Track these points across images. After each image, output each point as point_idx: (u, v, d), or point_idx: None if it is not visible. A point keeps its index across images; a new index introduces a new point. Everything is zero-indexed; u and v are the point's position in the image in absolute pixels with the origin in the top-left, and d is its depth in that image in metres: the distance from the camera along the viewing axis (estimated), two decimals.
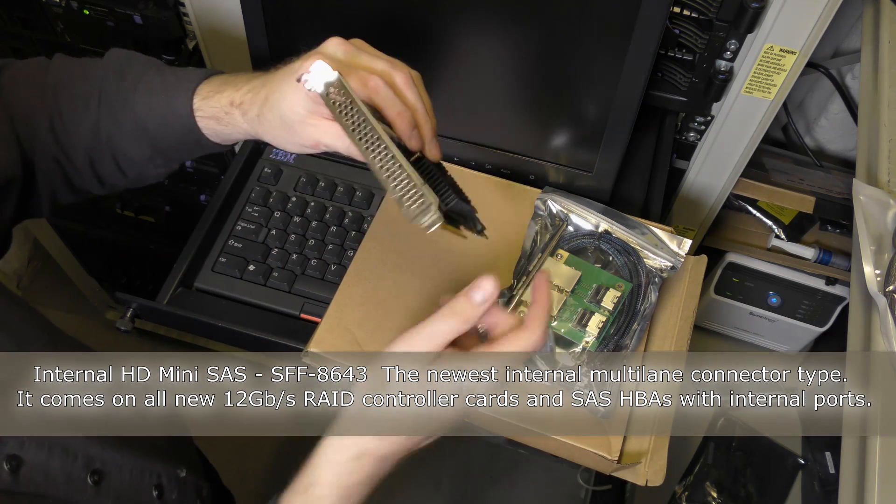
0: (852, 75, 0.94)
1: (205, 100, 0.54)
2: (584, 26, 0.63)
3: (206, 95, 0.54)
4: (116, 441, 0.48)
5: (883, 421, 0.54)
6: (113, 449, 0.48)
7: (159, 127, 0.55)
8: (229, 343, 0.71)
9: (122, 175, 0.59)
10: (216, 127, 0.54)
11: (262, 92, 0.51)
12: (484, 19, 0.65)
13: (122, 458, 0.48)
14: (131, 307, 0.70)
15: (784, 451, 1.14)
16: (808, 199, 0.93)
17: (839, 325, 1.12)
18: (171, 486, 0.52)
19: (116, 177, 0.59)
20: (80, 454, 0.45)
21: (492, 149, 0.76)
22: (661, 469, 0.55)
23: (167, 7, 0.83)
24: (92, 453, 0.46)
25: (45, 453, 0.43)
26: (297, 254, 0.73)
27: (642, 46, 0.62)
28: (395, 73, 0.48)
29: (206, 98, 0.54)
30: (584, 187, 0.74)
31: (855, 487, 0.54)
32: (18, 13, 0.88)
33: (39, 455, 0.43)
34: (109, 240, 1.26)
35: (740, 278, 1.12)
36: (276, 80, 0.50)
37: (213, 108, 0.53)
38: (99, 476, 0.46)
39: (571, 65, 0.67)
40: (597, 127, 0.70)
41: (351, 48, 0.49)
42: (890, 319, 0.57)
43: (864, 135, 0.73)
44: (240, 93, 0.52)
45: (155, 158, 0.58)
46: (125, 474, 0.48)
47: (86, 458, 0.45)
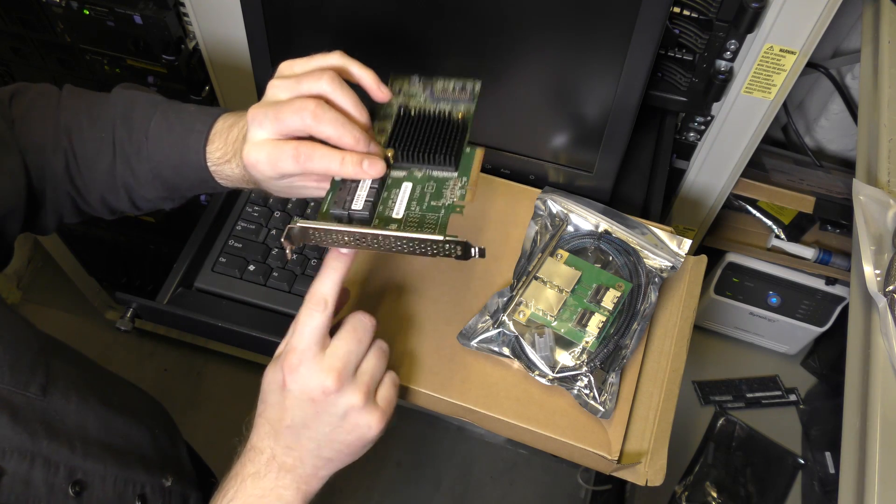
0: (852, 75, 0.94)
1: (212, 154, 0.54)
2: (584, 26, 0.63)
3: (212, 150, 0.54)
4: (100, 451, 0.49)
5: (883, 421, 0.54)
6: (96, 460, 0.48)
7: (175, 176, 0.55)
8: (229, 343, 0.71)
9: (135, 209, 0.60)
10: (228, 172, 0.54)
11: (235, 158, 0.52)
12: (483, 20, 0.66)
13: (104, 469, 0.48)
14: (131, 307, 0.70)
15: (784, 451, 1.15)
16: (808, 199, 0.93)
17: (839, 325, 1.12)
18: (155, 497, 0.52)
19: (129, 210, 0.60)
20: (62, 465, 0.45)
21: (492, 149, 0.76)
22: (662, 469, 0.55)
23: (167, 7, 0.83)
24: (74, 464, 0.46)
25: (27, 464, 0.43)
26: (297, 254, 0.73)
27: (642, 46, 0.62)
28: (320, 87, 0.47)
29: (212, 152, 0.54)
30: (584, 187, 0.74)
31: (855, 487, 0.54)
32: (18, 13, 0.88)
33: (21, 466, 0.43)
34: (109, 240, 1.26)
35: (740, 278, 1.12)
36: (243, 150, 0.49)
37: (222, 150, 0.53)
38: (80, 487, 0.46)
39: (571, 65, 0.67)
40: (597, 127, 0.70)
41: (275, 88, 0.47)
42: (890, 319, 0.57)
43: (864, 135, 0.73)
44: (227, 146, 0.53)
45: (171, 196, 0.59)
46: (108, 485, 0.48)
47: (68, 470, 0.45)
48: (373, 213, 0.47)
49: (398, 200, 0.48)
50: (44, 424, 0.45)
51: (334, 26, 0.71)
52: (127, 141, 0.55)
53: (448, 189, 0.48)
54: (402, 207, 0.48)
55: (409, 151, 0.49)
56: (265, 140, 0.46)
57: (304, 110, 0.45)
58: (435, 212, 0.47)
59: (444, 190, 0.48)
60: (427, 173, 0.50)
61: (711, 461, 1.13)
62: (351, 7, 0.68)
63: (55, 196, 0.57)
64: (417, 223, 0.46)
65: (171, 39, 0.85)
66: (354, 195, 0.47)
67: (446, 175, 0.49)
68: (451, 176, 0.49)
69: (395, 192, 0.48)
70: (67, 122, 0.55)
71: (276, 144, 0.46)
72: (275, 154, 0.46)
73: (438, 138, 0.50)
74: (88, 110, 0.56)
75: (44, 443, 0.44)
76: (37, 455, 0.44)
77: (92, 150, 0.55)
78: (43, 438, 0.44)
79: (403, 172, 0.50)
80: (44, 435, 0.45)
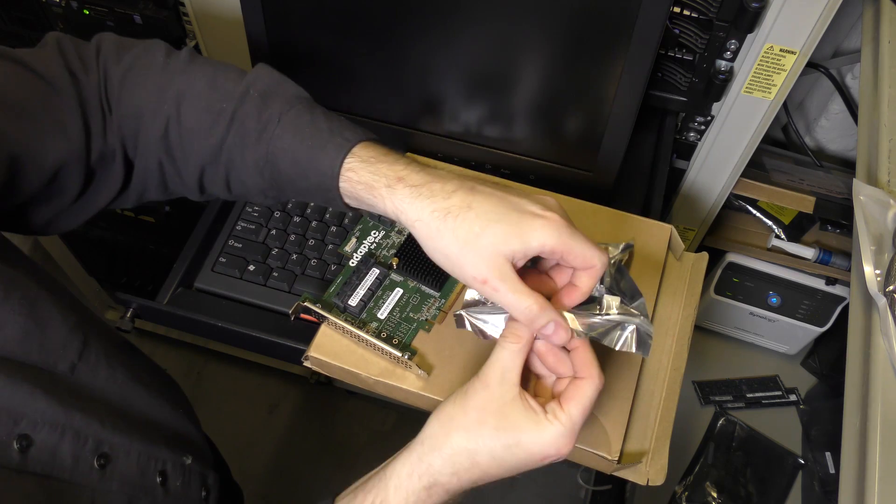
0: (852, 75, 0.94)
1: (365, 163, 0.48)
2: (584, 26, 0.63)
3: (367, 159, 0.48)
4: (126, 426, 0.49)
5: (883, 421, 0.54)
6: (122, 434, 0.48)
7: (291, 170, 0.50)
8: (229, 343, 0.71)
9: (227, 191, 0.55)
10: (363, 194, 0.48)
11: (459, 198, 0.45)
12: (484, 19, 0.66)
13: (130, 444, 0.48)
14: (131, 307, 0.70)
15: (784, 451, 1.15)
16: (808, 199, 0.93)
17: (839, 325, 1.12)
18: (176, 473, 0.52)
19: (220, 191, 0.55)
20: (91, 438, 0.45)
21: (492, 149, 0.76)
22: (663, 468, 0.55)
23: (167, 7, 0.83)
24: (102, 437, 0.46)
25: (56, 436, 0.43)
26: (297, 254, 0.73)
27: (642, 46, 0.62)
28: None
29: (366, 161, 0.48)
30: (584, 187, 0.74)
31: (855, 487, 0.54)
32: (18, 13, 0.88)
33: (51, 437, 0.43)
34: (109, 240, 1.26)
35: (740, 278, 1.12)
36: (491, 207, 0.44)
37: (373, 176, 0.47)
38: (105, 460, 0.46)
39: (572, 65, 0.67)
40: (597, 126, 0.70)
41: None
42: (890, 319, 0.57)
43: (864, 135, 0.73)
44: (431, 180, 0.46)
45: (269, 191, 0.53)
46: (132, 459, 0.48)
47: (95, 442, 0.46)
48: (363, 309, 0.59)
49: (387, 302, 0.59)
50: (77, 398, 0.46)
51: (334, 26, 0.71)
52: (253, 117, 0.50)
53: (427, 306, 0.59)
54: (386, 310, 0.59)
55: (410, 267, 0.60)
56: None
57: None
58: (409, 323, 0.58)
59: (423, 306, 0.59)
60: (417, 286, 0.60)
61: (711, 461, 1.13)
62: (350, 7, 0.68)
63: (145, 162, 0.53)
64: (392, 329, 0.58)
65: (171, 39, 0.85)
66: (354, 293, 0.59)
67: (430, 293, 0.60)
68: (433, 295, 0.60)
69: (388, 294, 0.59)
70: (181, 88, 0.51)
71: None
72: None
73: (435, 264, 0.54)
74: (211, 78, 0.52)
75: (77, 416, 0.45)
76: (67, 427, 0.44)
77: (206, 118, 0.51)
78: (77, 412, 0.45)
79: (401, 278, 0.60)
80: (77, 408, 0.45)
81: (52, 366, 0.45)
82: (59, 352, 0.46)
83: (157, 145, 0.52)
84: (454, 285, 0.60)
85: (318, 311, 0.57)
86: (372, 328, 0.58)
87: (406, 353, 0.55)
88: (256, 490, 1.31)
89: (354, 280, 0.60)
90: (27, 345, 0.44)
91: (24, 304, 0.44)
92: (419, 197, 0.45)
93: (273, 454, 1.37)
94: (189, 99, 0.51)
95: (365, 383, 0.57)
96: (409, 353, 0.56)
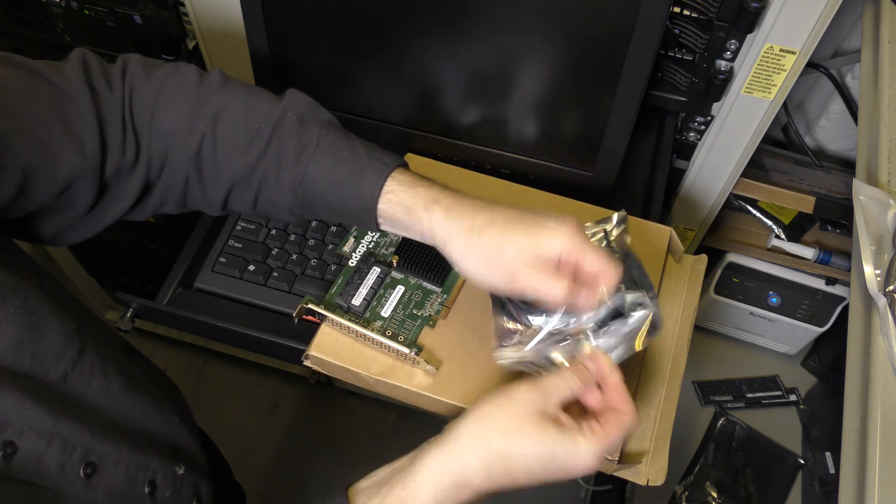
0: (852, 75, 0.94)
1: (404, 186, 0.50)
2: (584, 26, 0.63)
3: (405, 182, 0.51)
4: (117, 435, 0.49)
5: (883, 421, 0.54)
6: (112, 443, 0.48)
7: (328, 192, 0.52)
8: (229, 343, 0.71)
9: (251, 208, 0.56)
10: (401, 216, 0.51)
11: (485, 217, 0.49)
12: (484, 20, 0.66)
13: (119, 453, 0.48)
14: (131, 307, 0.70)
15: (784, 451, 1.15)
16: (808, 199, 0.93)
17: (839, 325, 1.12)
18: (167, 483, 0.52)
19: (244, 208, 0.56)
20: (79, 447, 0.45)
21: (492, 149, 0.76)
22: (663, 468, 0.55)
23: (167, 7, 0.83)
24: (91, 446, 0.46)
25: (43, 443, 0.43)
26: (297, 254, 0.73)
27: (642, 46, 0.62)
28: None
29: (405, 184, 0.51)
30: (584, 187, 0.74)
31: (855, 487, 0.54)
32: (18, 13, 0.88)
33: (38, 445, 0.43)
34: (109, 240, 1.26)
35: (740, 278, 1.12)
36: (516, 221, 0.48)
37: (412, 199, 0.50)
38: (92, 469, 0.46)
39: (571, 65, 0.67)
40: (597, 127, 0.70)
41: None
42: (890, 319, 0.57)
43: (864, 135, 0.73)
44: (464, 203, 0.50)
45: (297, 210, 0.54)
46: (120, 469, 0.48)
47: (83, 451, 0.45)
48: (366, 308, 0.59)
49: (390, 300, 0.59)
50: (68, 406, 0.46)
51: (335, 27, 0.71)
52: (293, 138, 0.52)
53: (429, 302, 0.60)
54: (390, 308, 0.59)
55: (410, 263, 0.60)
56: None
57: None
58: (413, 319, 0.59)
59: (426, 302, 0.60)
60: (418, 282, 0.61)
61: (711, 461, 1.13)
62: (351, 7, 0.68)
63: (169, 181, 0.54)
64: (396, 326, 0.58)
65: (170, 39, 0.85)
66: (356, 292, 0.59)
67: (432, 289, 0.60)
68: (435, 290, 0.60)
69: (390, 293, 0.60)
70: (217, 106, 0.52)
71: None
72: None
73: (434, 259, 0.60)
74: (247, 98, 0.53)
75: (66, 424, 0.45)
76: (55, 436, 0.44)
77: (243, 136, 0.52)
78: (66, 420, 0.45)
79: (401, 276, 0.61)
80: (67, 417, 0.45)
81: (43, 374, 0.45)
82: (51, 361, 0.46)
83: (189, 162, 0.53)
84: (455, 280, 0.61)
85: (322, 313, 0.57)
86: (377, 327, 0.58)
87: (413, 349, 0.56)
88: (256, 490, 1.31)
89: (356, 279, 0.60)
90: (20, 354, 0.44)
91: (21, 313, 0.44)
92: (450, 218, 0.49)
93: (273, 454, 1.36)
94: (226, 117, 0.52)
95: (365, 382, 0.57)
96: (416, 350, 0.56)
